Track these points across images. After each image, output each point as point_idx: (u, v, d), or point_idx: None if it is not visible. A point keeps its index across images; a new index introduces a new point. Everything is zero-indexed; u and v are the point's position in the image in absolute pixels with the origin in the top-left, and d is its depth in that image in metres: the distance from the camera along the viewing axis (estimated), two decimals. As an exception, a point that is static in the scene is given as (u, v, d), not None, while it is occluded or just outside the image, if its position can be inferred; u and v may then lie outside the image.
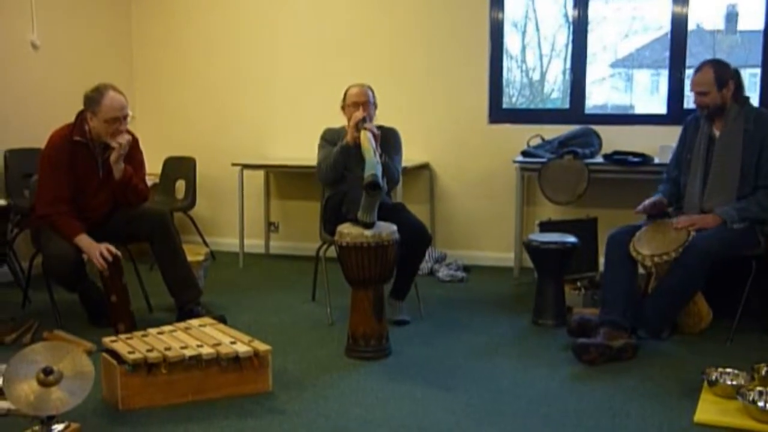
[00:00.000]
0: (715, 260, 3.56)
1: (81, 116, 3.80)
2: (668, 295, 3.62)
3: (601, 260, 4.03)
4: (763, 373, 3.07)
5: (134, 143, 3.92)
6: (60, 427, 2.65)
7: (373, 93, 4.15)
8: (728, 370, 3.10)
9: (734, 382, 3.02)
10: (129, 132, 3.84)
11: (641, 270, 3.73)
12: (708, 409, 2.86)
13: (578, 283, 4.35)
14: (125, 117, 3.78)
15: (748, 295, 3.70)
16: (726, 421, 2.75)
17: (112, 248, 3.73)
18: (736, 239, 3.63)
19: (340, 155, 4.00)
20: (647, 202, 3.82)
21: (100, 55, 5.80)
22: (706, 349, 3.56)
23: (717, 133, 3.79)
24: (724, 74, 3.71)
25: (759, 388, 2.89)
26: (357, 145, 3.88)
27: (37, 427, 2.63)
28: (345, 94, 4.16)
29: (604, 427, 2.75)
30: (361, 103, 4.05)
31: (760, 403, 2.81)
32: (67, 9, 5.50)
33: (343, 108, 4.15)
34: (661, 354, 3.52)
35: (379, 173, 3.52)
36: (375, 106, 4.15)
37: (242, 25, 5.84)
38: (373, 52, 5.54)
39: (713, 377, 3.05)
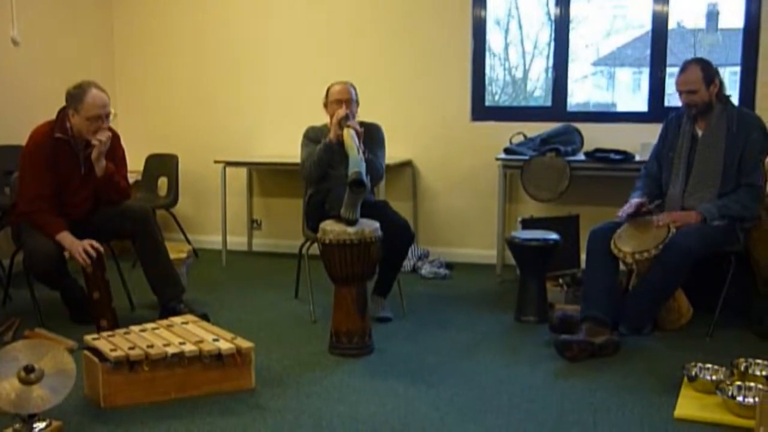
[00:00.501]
0: (696, 257, 3.59)
1: (63, 113, 3.78)
2: (649, 291, 3.65)
3: (583, 257, 4.05)
4: (743, 368, 3.11)
5: (116, 140, 3.90)
6: (42, 425, 2.64)
7: (355, 90, 4.16)
8: (708, 365, 3.13)
9: (714, 378, 3.06)
10: (110, 129, 3.82)
11: (622, 267, 3.76)
12: (688, 404, 2.89)
13: (560, 280, 4.38)
14: (107, 115, 3.76)
15: (727, 291, 3.74)
16: (706, 417, 2.78)
17: (95, 243, 3.70)
18: (717, 236, 3.66)
19: (324, 153, 4.00)
20: (628, 208, 3.77)
21: (82, 51, 5.76)
22: (687, 345, 3.59)
23: (699, 132, 3.83)
24: (709, 72, 3.76)
25: (738, 383, 2.93)
26: (340, 143, 3.89)
27: (18, 425, 2.62)
28: (327, 92, 4.17)
29: (586, 422, 2.78)
30: (343, 100, 4.06)
31: (740, 398, 2.85)
32: (48, 5, 5.44)
33: (325, 105, 4.16)
34: (642, 350, 3.55)
35: (363, 170, 3.53)
36: (357, 103, 4.16)
37: (226, 22, 5.82)
38: (356, 50, 5.54)
39: (693, 373, 3.08)
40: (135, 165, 5.16)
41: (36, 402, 2.58)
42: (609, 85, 6.95)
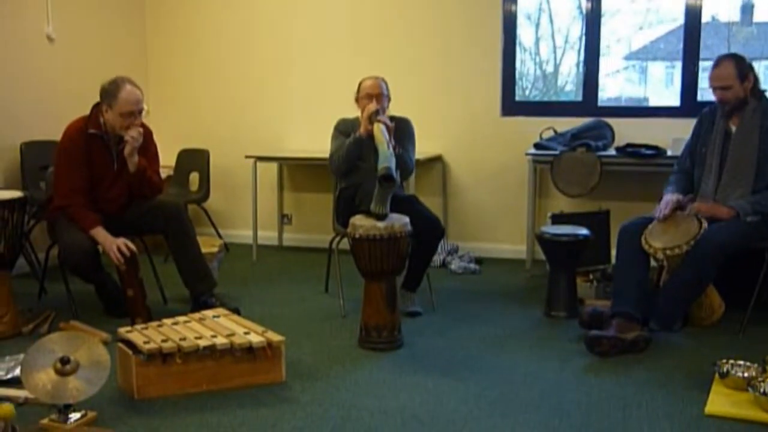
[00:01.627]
0: (728, 253, 3.55)
1: (96, 109, 3.84)
2: (680, 287, 3.62)
3: (613, 253, 4.02)
4: (776, 365, 3.08)
5: (148, 135, 3.95)
6: (77, 415, 2.70)
7: (386, 85, 4.16)
8: (740, 362, 3.10)
9: (745, 374, 3.02)
10: (143, 125, 3.87)
11: (653, 263, 3.73)
12: (719, 401, 2.87)
13: (590, 276, 4.35)
14: (140, 111, 3.81)
15: (760, 288, 3.69)
16: (737, 413, 2.75)
17: (129, 244, 3.75)
18: (749, 232, 3.62)
19: (353, 147, 4.02)
20: (664, 208, 3.70)
21: (115, 47, 5.84)
22: (718, 342, 3.56)
23: (733, 127, 3.78)
24: (743, 67, 3.70)
25: (771, 380, 2.90)
26: (370, 137, 3.90)
27: (54, 416, 2.68)
28: (359, 86, 4.17)
29: (615, 418, 2.77)
30: (374, 95, 4.06)
31: (772, 395, 2.81)
32: (82, 1, 5.53)
33: (357, 100, 4.17)
34: (673, 346, 3.53)
35: (393, 165, 3.54)
36: (389, 98, 4.16)
37: (257, 18, 5.86)
38: (387, 44, 5.55)
39: (725, 369, 3.05)
40: (167, 160, 5.22)
41: (71, 393, 2.64)
42: (641, 80, 6.88)
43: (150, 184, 3.97)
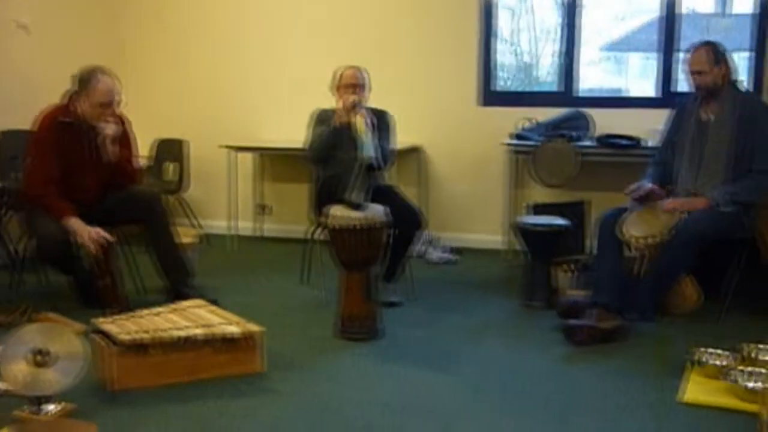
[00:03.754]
0: (705, 242, 3.59)
1: (71, 97, 3.78)
2: (657, 276, 3.65)
3: (591, 243, 4.05)
4: (750, 353, 3.11)
5: (125, 125, 3.90)
6: (54, 407, 2.67)
7: (367, 75, 4.14)
8: (715, 350, 3.14)
9: (720, 363, 3.06)
10: (119, 115, 3.82)
11: (631, 252, 3.75)
12: (695, 389, 2.90)
13: (568, 266, 4.38)
14: (116, 102, 3.76)
15: (736, 277, 3.73)
16: (712, 401, 2.79)
17: (103, 233, 3.71)
18: (726, 222, 3.65)
19: (330, 136, 4.00)
20: (639, 191, 3.76)
21: (90, 36, 5.77)
22: (695, 330, 3.60)
23: (710, 117, 3.81)
24: (718, 54, 3.76)
25: (745, 368, 2.93)
26: (347, 128, 3.89)
27: (31, 408, 2.65)
28: (339, 76, 4.14)
29: (593, 407, 2.79)
30: (355, 85, 4.04)
31: (746, 383, 2.85)
32: (57, -10, 5.46)
33: (336, 89, 4.13)
34: (650, 335, 3.56)
35: (376, 155, 3.53)
36: (369, 88, 4.14)
37: (234, 7, 5.81)
38: (364, 34, 5.53)
39: (700, 358, 3.09)
40: (143, 150, 5.18)
41: (48, 384, 2.62)
42: (619, 71, 6.91)
43: (127, 173, 3.94)
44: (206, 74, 5.94)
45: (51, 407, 2.66)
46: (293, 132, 5.40)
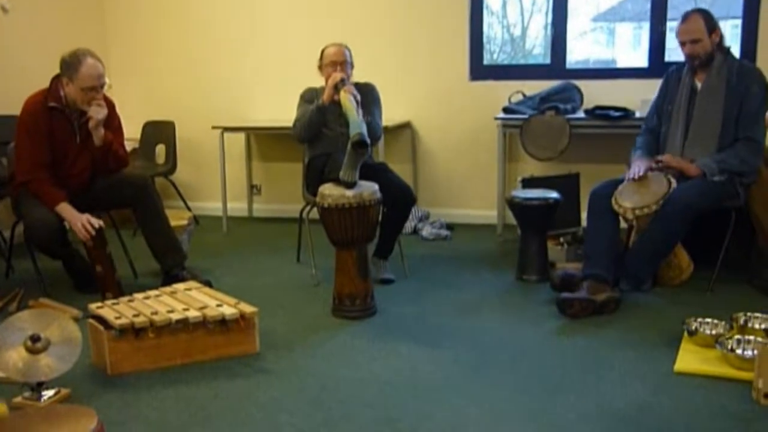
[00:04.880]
0: (696, 212, 3.60)
1: (56, 81, 3.74)
2: (649, 247, 3.66)
3: (584, 215, 4.05)
4: (742, 322, 3.14)
5: (111, 108, 3.87)
6: (50, 392, 2.68)
7: (350, 52, 4.14)
8: (707, 319, 3.16)
9: (713, 332, 3.09)
10: (105, 97, 3.79)
11: (623, 224, 3.77)
12: (688, 358, 2.92)
13: (561, 239, 4.39)
14: (102, 86, 3.72)
15: (727, 246, 3.75)
16: (706, 370, 2.81)
17: (94, 219, 3.69)
18: (716, 191, 3.66)
19: (317, 114, 4.00)
20: (638, 170, 3.72)
21: (73, 17, 5.69)
22: (687, 300, 3.62)
23: (699, 84, 3.80)
24: (711, 21, 3.73)
25: (737, 337, 2.96)
26: (334, 105, 3.89)
27: (27, 394, 2.65)
28: (322, 54, 4.14)
29: (588, 378, 2.81)
30: (339, 62, 4.04)
31: (739, 351, 2.87)
32: (37, -30, 5.37)
33: (320, 67, 4.14)
34: (643, 306, 3.58)
35: (365, 131, 3.52)
36: (352, 65, 4.15)
37: (218, -15, 5.75)
38: (352, 10, 5.48)
39: (693, 327, 3.11)
40: (131, 133, 5.13)
41: (44, 370, 2.62)
42: (609, 41, 6.88)
43: (116, 157, 3.90)
44: (192, 54, 5.88)
45: (49, 393, 2.66)
46: (282, 111, 5.38)
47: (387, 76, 5.04)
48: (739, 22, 4.93)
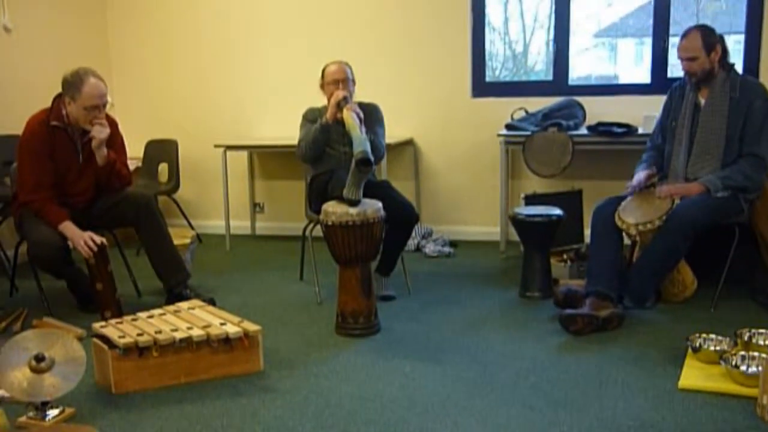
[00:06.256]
0: (699, 228, 3.59)
1: (58, 100, 3.75)
2: (652, 263, 3.66)
3: (587, 232, 4.05)
4: (746, 338, 3.13)
5: (113, 127, 3.88)
6: (55, 412, 2.68)
7: (351, 69, 4.16)
8: (711, 336, 3.15)
9: (717, 348, 3.07)
10: (108, 116, 3.80)
11: (627, 240, 3.76)
12: (692, 374, 2.91)
13: (564, 255, 4.39)
14: (105, 104, 3.74)
15: (731, 262, 3.74)
16: (710, 386, 2.80)
17: (96, 237, 3.70)
18: (720, 207, 3.66)
19: (320, 133, 4.02)
20: (636, 182, 3.79)
21: (76, 37, 5.72)
22: (691, 317, 3.61)
23: (702, 100, 3.81)
24: (711, 38, 3.72)
25: (742, 353, 2.95)
26: (337, 123, 3.90)
27: (32, 413, 2.65)
28: (323, 72, 4.16)
29: (591, 395, 2.80)
30: (340, 80, 4.06)
31: (743, 368, 2.86)
32: (40, -10, 5.41)
33: (322, 86, 4.16)
34: (647, 322, 3.57)
35: (368, 149, 3.53)
36: (354, 82, 4.16)
37: (222, 4, 5.78)
38: (354, 28, 5.51)
39: (697, 344, 3.10)
40: (134, 152, 5.15)
41: (48, 390, 2.62)
42: (611, 58, 6.90)
43: (119, 176, 3.92)
44: (194, 73, 5.92)
45: (54, 412, 2.66)
46: (285, 129, 5.42)
47: (389, 93, 5.06)
48: (742, 37, 4.94)
